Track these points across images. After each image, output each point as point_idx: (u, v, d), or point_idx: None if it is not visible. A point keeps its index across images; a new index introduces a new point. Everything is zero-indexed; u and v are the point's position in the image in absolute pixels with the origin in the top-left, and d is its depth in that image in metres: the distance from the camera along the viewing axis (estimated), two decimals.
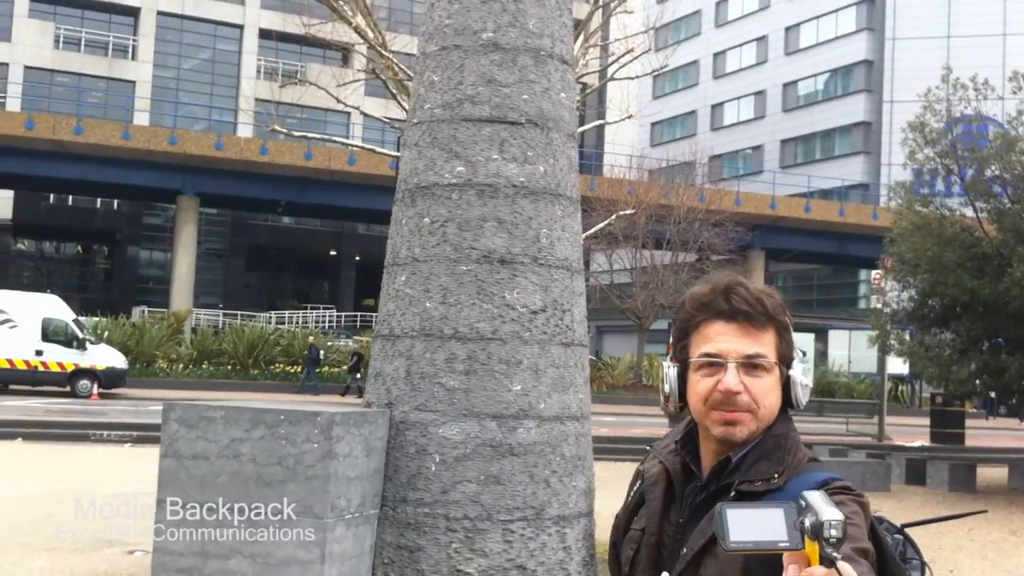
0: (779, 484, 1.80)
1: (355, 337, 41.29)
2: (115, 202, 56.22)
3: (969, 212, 16.20)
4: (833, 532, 1.36)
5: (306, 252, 59.41)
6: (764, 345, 1.87)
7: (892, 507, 13.69)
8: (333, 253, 60.64)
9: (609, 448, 17.11)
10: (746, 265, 46.88)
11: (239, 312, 46.43)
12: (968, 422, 25.96)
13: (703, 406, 1.88)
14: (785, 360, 1.90)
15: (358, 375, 31.68)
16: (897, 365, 26.76)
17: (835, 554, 1.36)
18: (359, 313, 52.45)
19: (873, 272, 22.53)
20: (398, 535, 7.30)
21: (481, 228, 7.49)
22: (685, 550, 1.84)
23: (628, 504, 2.06)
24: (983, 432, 29.64)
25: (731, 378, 1.83)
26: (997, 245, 15.23)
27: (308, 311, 50.18)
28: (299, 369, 34.03)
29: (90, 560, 8.25)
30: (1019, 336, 15.09)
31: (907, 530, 1.98)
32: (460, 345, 7.40)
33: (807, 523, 1.38)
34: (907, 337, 17.76)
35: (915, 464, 16.89)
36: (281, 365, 34.20)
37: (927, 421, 26.47)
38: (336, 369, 35.05)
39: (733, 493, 1.81)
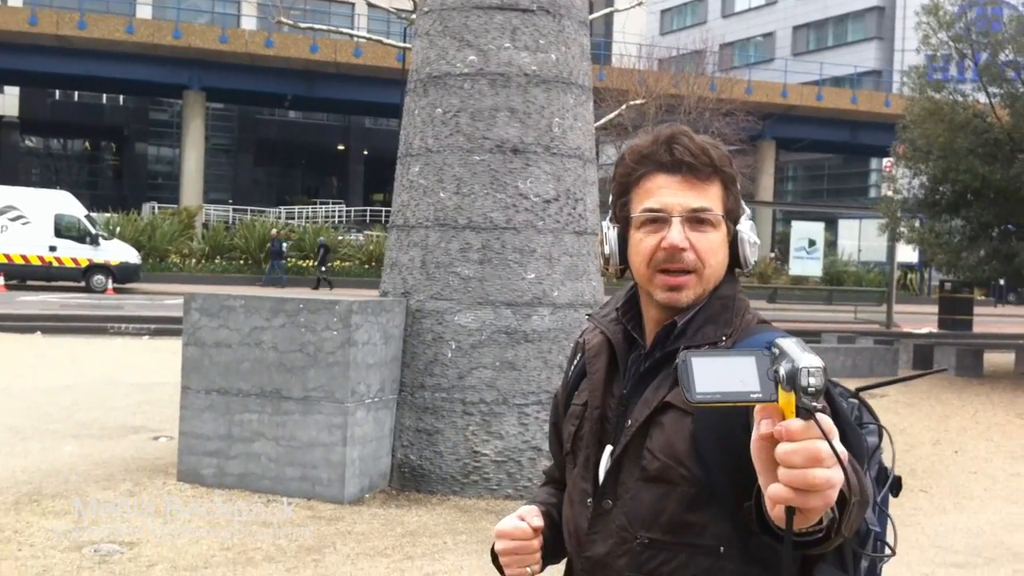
0: (727, 347, 1.68)
1: (365, 232, 41.40)
2: (121, 98, 55.83)
3: (982, 97, 16.05)
4: (812, 380, 1.20)
5: (314, 147, 59.12)
6: (710, 198, 1.72)
7: (897, 390, 13.91)
8: (341, 148, 60.34)
9: None
10: (757, 155, 46.55)
11: (249, 208, 46.47)
12: (977, 309, 26.12)
13: (646, 268, 1.73)
14: (732, 216, 1.75)
15: (324, 268, 31.70)
16: (906, 253, 26.82)
17: (814, 404, 1.21)
18: (368, 208, 52.47)
19: (884, 160, 22.40)
20: (417, 419, 7.52)
21: (494, 118, 7.54)
22: (630, 422, 1.72)
23: (568, 380, 1.94)
24: (991, 319, 29.82)
25: (676, 234, 1.69)
26: (1009, 131, 15.13)
27: (317, 206, 50.17)
28: (311, 263, 34.23)
29: (117, 446, 8.51)
30: None
31: (861, 394, 1.84)
32: (474, 235, 7.51)
33: (781, 372, 1.22)
34: (917, 224, 17.77)
35: (922, 350, 17.07)
36: (292, 260, 34.39)
37: (936, 309, 26.63)
38: (348, 263, 35.24)
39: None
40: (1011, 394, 14.00)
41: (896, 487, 1.77)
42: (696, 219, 1.71)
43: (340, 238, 37.37)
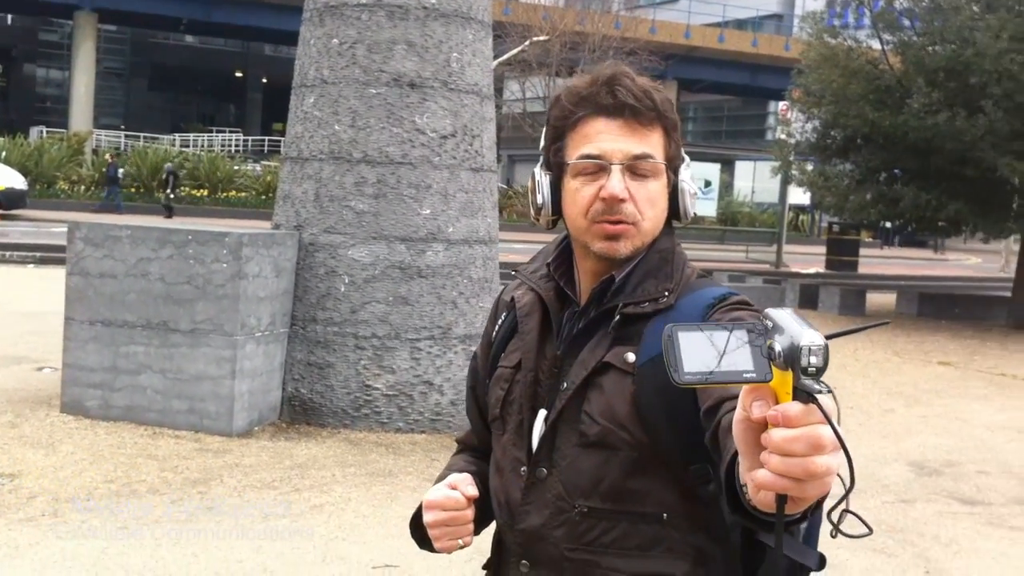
0: (670, 303, 1.58)
1: (263, 162, 40.66)
2: (9, 17, 53.50)
3: (876, 44, 16.39)
4: (813, 360, 1.05)
5: (211, 73, 57.65)
6: (652, 145, 1.60)
7: None
8: (239, 75, 58.95)
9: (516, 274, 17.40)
10: None
11: (141, 134, 45.20)
12: (863, 251, 26.94)
13: (583, 219, 1.61)
14: (673, 164, 1.63)
15: (171, 194, 30.85)
16: (798, 196, 27.42)
17: (817, 386, 1.06)
18: (267, 137, 51.49)
19: (780, 103, 22.79)
20: (308, 352, 7.50)
21: (391, 51, 7.45)
22: (565, 384, 1.61)
23: (490, 340, 1.80)
24: (876, 260, 30.79)
25: (615, 182, 1.56)
26: (899, 78, 15.50)
27: (214, 134, 49.00)
28: (206, 193, 33.52)
29: None
30: (915, 167, 15.54)
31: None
32: (370, 169, 7.46)
33: (777, 348, 1.06)
34: (808, 167, 18.15)
35: (808, 289, 17.58)
36: (187, 189, 33.62)
37: (824, 250, 27.36)
38: (244, 194, 34.62)
39: (617, 318, 1.58)
40: (890, 333, 14.52)
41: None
42: (636, 168, 1.58)
43: (236, 168, 36.60)
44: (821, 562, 1.49)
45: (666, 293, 1.59)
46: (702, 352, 1.08)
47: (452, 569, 4.77)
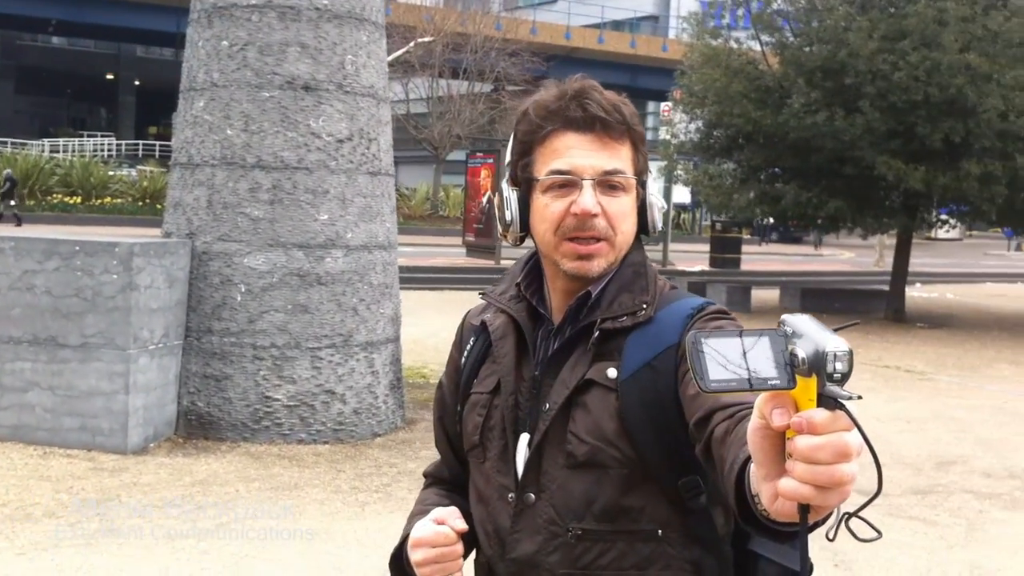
0: (648, 315, 1.56)
1: (138, 167, 39.53)
2: None
3: (755, 45, 16.77)
4: (839, 366, 1.04)
5: (81, 76, 55.82)
6: (622, 159, 1.57)
7: None
8: (110, 77, 57.24)
9: (407, 278, 17.22)
10: None
11: (9, 140, 43.46)
12: (743, 248, 27.53)
13: (553, 235, 1.57)
14: (642, 178, 1.63)
15: (12, 202, 29.72)
16: (680, 194, 27.91)
17: (843, 393, 1.04)
18: (141, 141, 50.14)
19: (662, 104, 23.14)
20: (204, 364, 7.28)
21: (284, 53, 7.28)
22: (547, 405, 1.57)
23: (459, 366, 1.76)
24: (756, 257, 31.55)
25: (587, 198, 1.54)
26: (779, 78, 15.89)
27: (85, 139, 47.42)
28: (79, 200, 32.40)
29: None
30: (795, 166, 15.94)
31: None
32: (264, 174, 7.27)
33: (800, 355, 1.05)
34: (692, 167, 18.48)
35: (696, 287, 17.86)
36: (59, 196, 32.42)
37: (707, 247, 27.89)
38: (120, 200, 33.59)
39: (597, 333, 1.56)
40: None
41: None
42: (608, 183, 1.56)
43: (111, 173, 35.47)
44: (809, 568, 1.44)
45: (644, 306, 1.57)
46: (727, 360, 1.07)
47: None
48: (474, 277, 20.73)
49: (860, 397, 1.06)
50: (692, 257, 26.61)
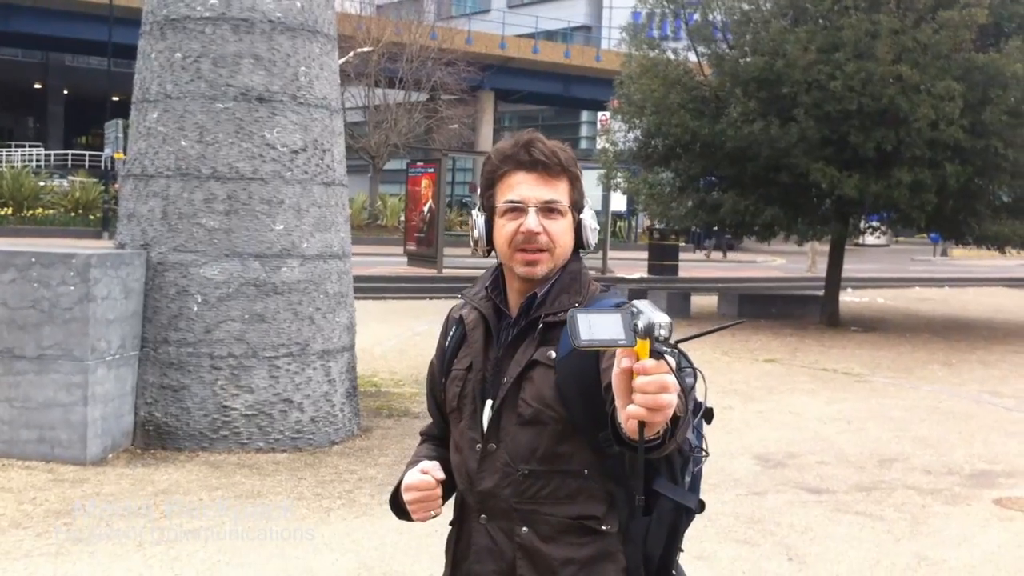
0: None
1: (69, 177, 38.91)
2: None
3: (692, 56, 17.08)
4: (662, 332, 1.61)
5: (8, 85, 54.69)
6: (559, 192, 2.10)
7: None
8: (38, 86, 56.24)
9: None
10: (477, 106, 47.34)
11: None
12: (680, 255, 27.89)
13: (508, 248, 2.10)
14: (577, 206, 2.14)
15: None
16: (617, 202, 28.19)
17: (664, 348, 1.62)
18: (70, 151, 49.33)
19: (600, 114, 23.42)
20: (161, 375, 7.29)
21: (238, 64, 7.34)
22: (505, 379, 2.08)
23: (444, 350, 2.26)
24: (692, 264, 31.98)
25: (532, 220, 2.06)
26: (715, 88, 16.21)
27: (13, 149, 46.50)
28: (10, 211, 31.81)
29: None
30: (732, 174, 16.24)
31: (680, 345, 2.15)
32: (219, 185, 7.32)
33: (640, 324, 1.61)
34: (631, 176, 18.71)
35: (636, 294, 18.07)
36: None
37: (644, 254, 28.21)
38: (51, 211, 33.04)
39: (541, 325, 2.07)
40: (717, 334, 15.12)
41: (708, 416, 2.15)
42: (548, 209, 2.08)
43: (42, 184, 34.87)
44: (700, 505, 2.09)
45: (576, 304, 2.06)
46: (592, 327, 1.63)
47: None
48: (416, 286, 20.77)
49: (668, 351, 1.64)
50: (630, 264, 26.92)
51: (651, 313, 1.62)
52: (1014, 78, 13.86)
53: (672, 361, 1.63)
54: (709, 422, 2.17)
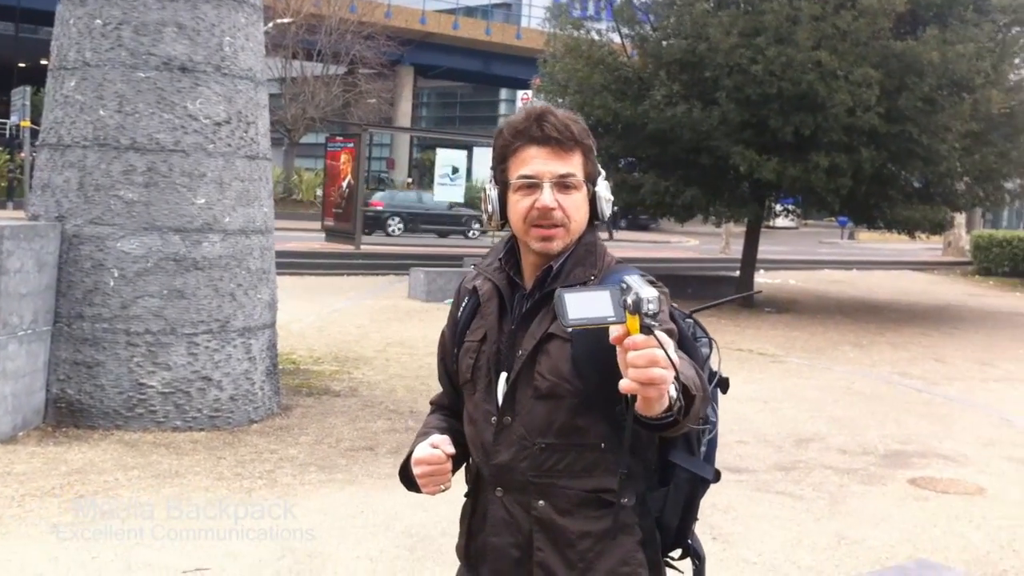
0: (595, 284, 2.03)
1: None
2: None
3: (616, 37, 17.12)
4: (651, 306, 1.59)
5: None
6: (573, 166, 2.06)
7: None
8: None
9: None
10: (396, 80, 46.93)
11: None
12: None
13: (523, 223, 2.06)
14: (591, 178, 2.10)
15: None
16: None
17: (653, 323, 1.60)
18: None
19: (522, 92, 23.39)
20: (74, 351, 7.09)
21: (160, 33, 7.13)
22: (520, 351, 2.05)
23: (457, 320, 2.24)
24: (608, 244, 32.11)
25: (547, 196, 2.03)
26: (639, 70, 16.28)
27: None
28: None
29: None
30: (653, 156, 16.34)
31: (695, 315, 2.27)
32: (139, 156, 7.12)
33: (629, 300, 1.60)
34: None
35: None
36: None
37: None
38: None
39: None
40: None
41: (723, 386, 2.23)
42: (562, 183, 2.05)
43: None
44: (717, 475, 2.13)
45: (592, 277, 2.07)
46: (581, 305, 1.64)
47: (263, 569, 4.70)
48: (334, 263, 20.56)
49: (658, 326, 1.62)
50: None
51: (640, 288, 1.61)
52: (930, 65, 14.16)
53: (663, 336, 1.62)
54: (725, 391, 2.23)
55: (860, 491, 6.51)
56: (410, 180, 44.08)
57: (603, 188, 2.13)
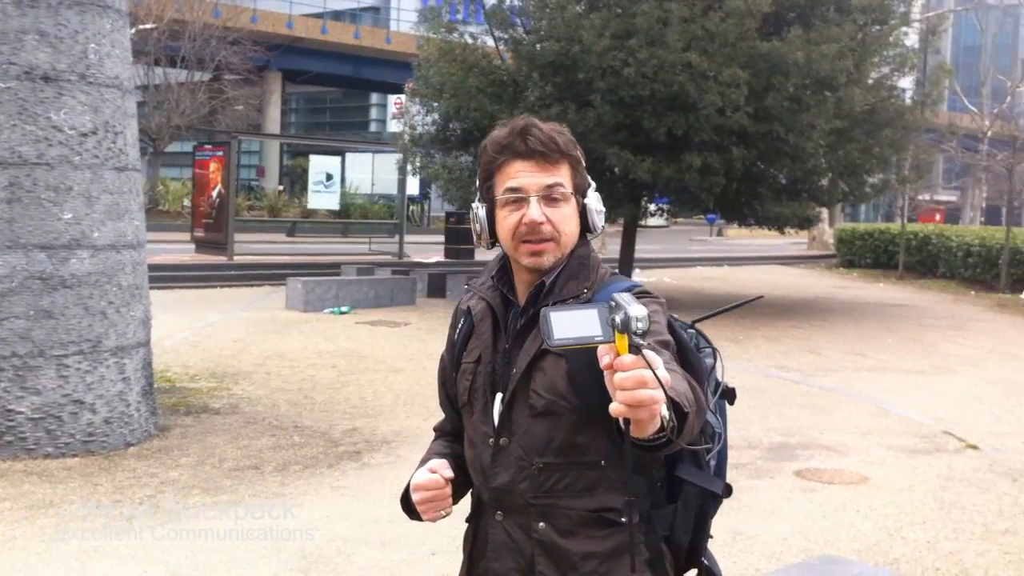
0: (588, 297, 2.01)
1: None
2: None
3: (490, 41, 17.09)
4: (639, 325, 1.53)
5: None
6: (561, 176, 2.03)
7: (419, 318, 14.67)
8: None
9: None
10: (264, 86, 46.09)
11: None
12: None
13: (512, 240, 2.03)
14: (580, 190, 2.07)
15: None
16: (410, 187, 28.04)
17: (641, 342, 1.54)
18: None
19: (394, 97, 23.19)
20: None
21: (21, 41, 6.80)
22: (515, 370, 2.01)
23: (454, 343, 2.20)
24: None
25: (534, 210, 2.00)
26: (513, 73, 16.27)
27: None
28: None
29: None
30: None
31: (697, 324, 2.22)
32: (1, 170, 6.76)
33: (617, 319, 1.54)
34: (430, 160, 18.56)
35: (436, 279, 18.08)
36: None
37: (438, 238, 28.19)
38: None
39: None
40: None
41: (730, 396, 2.18)
42: (550, 196, 2.01)
43: None
44: (727, 490, 2.08)
45: (585, 290, 2.03)
46: (567, 324, 1.58)
47: None
48: (206, 274, 19.99)
49: (647, 346, 1.55)
50: (426, 249, 26.82)
51: (629, 305, 1.55)
52: (795, 65, 14.52)
53: (651, 355, 1.56)
54: (732, 403, 2.19)
55: (749, 485, 6.60)
56: (281, 188, 43.33)
57: (593, 200, 2.10)
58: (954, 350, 13.51)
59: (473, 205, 2.14)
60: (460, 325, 2.19)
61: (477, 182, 2.15)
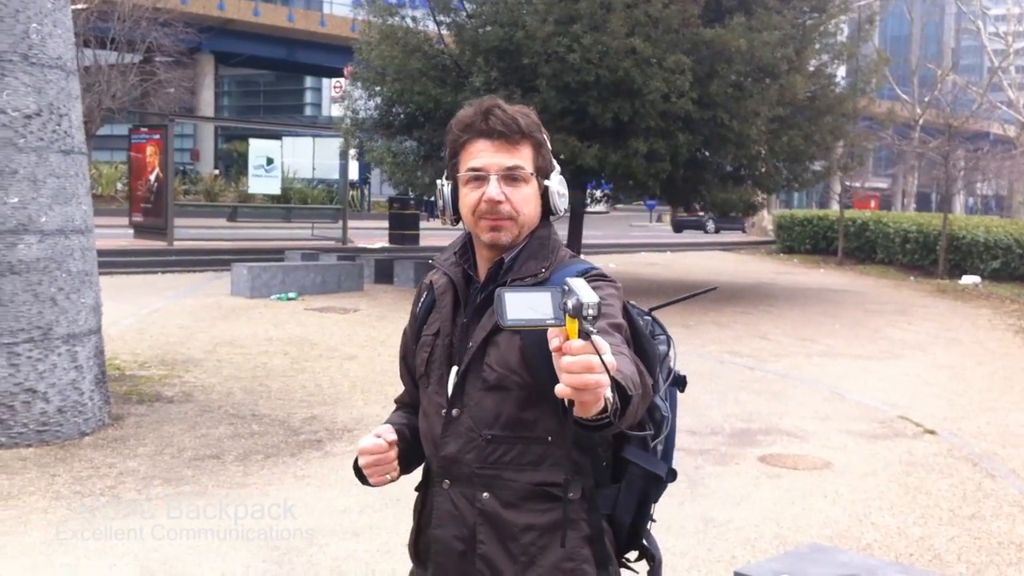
0: (545, 277, 2.06)
1: None
2: None
3: (432, 25, 16.92)
4: (590, 312, 1.55)
5: None
6: (521, 158, 2.07)
7: (368, 304, 14.53)
8: None
9: None
10: (196, 69, 45.27)
11: None
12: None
13: (472, 216, 2.09)
14: (543, 172, 2.11)
15: None
16: (351, 171, 27.73)
17: (590, 328, 1.56)
18: None
19: (332, 80, 22.91)
20: None
21: None
22: (471, 344, 2.07)
23: (416, 316, 2.26)
24: (433, 232, 32.06)
25: (493, 189, 2.04)
26: (456, 57, 16.14)
27: None
28: None
29: None
30: None
31: (654, 312, 2.27)
32: None
33: (569, 304, 1.57)
34: (371, 144, 18.36)
35: (383, 264, 17.92)
36: None
37: (379, 223, 27.98)
38: None
39: None
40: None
41: (680, 384, 2.23)
42: (510, 176, 2.06)
43: None
44: (671, 474, 2.16)
45: (543, 270, 2.08)
46: (520, 306, 1.60)
47: None
48: (147, 260, 19.62)
49: (595, 332, 1.56)
50: (369, 234, 26.59)
51: (581, 291, 1.58)
52: (738, 52, 14.60)
53: (599, 341, 1.58)
54: (682, 390, 2.24)
55: (716, 472, 6.62)
56: (216, 172, 42.68)
57: (556, 183, 2.14)
58: (900, 335, 13.72)
59: (439, 182, 2.19)
60: (423, 298, 2.25)
61: (445, 159, 2.19)
